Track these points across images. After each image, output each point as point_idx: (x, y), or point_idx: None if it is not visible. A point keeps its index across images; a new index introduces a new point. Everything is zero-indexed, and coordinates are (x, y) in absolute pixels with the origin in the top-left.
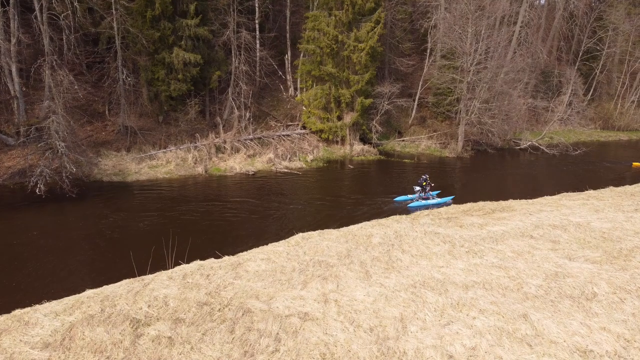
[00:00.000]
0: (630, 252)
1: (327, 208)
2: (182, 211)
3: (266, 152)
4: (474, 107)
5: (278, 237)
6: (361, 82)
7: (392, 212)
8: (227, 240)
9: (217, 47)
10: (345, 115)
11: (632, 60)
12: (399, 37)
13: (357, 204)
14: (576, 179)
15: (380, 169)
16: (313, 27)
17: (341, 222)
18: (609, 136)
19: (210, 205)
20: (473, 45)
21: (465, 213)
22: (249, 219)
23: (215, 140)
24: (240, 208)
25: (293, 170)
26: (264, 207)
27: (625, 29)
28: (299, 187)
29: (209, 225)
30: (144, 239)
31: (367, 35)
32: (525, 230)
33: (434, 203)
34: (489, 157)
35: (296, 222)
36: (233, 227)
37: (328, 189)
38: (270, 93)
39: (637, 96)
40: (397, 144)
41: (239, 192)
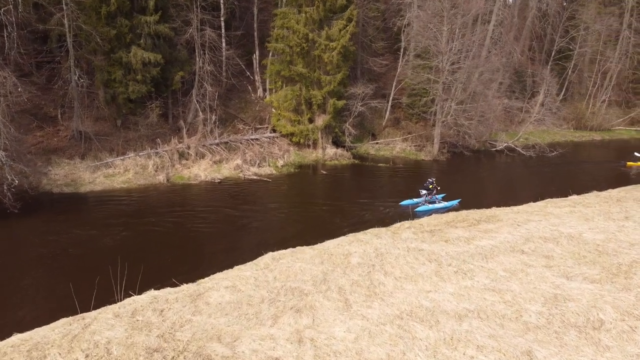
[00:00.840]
0: (629, 268)
1: (300, 219)
2: (140, 227)
3: (233, 158)
4: (449, 108)
5: (245, 256)
6: (333, 82)
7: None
8: (188, 260)
9: (180, 46)
10: (317, 118)
11: (603, 60)
12: (372, 35)
13: (331, 213)
14: (557, 182)
15: (355, 175)
16: (282, 24)
17: (316, 235)
18: (583, 136)
19: (171, 219)
20: (449, 44)
21: (448, 224)
22: (214, 234)
23: (178, 145)
24: (205, 222)
25: (262, 177)
26: (231, 220)
27: (596, 29)
28: (269, 195)
29: (168, 242)
30: (92, 262)
31: (339, 33)
32: (516, 244)
33: (441, 207)
34: (465, 160)
35: (266, 237)
36: (195, 245)
37: (300, 198)
38: (237, 94)
39: (607, 96)
40: (371, 147)
41: (203, 202)
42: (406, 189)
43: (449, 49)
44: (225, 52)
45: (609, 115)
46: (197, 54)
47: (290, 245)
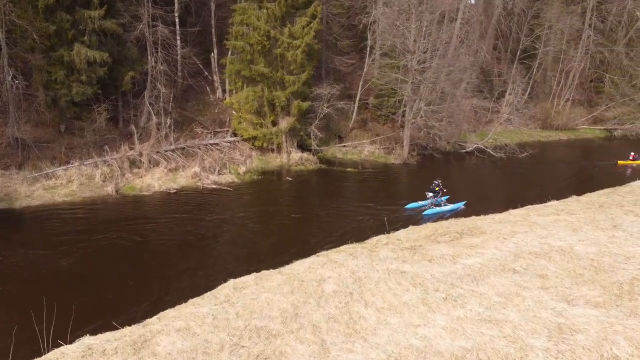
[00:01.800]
0: (631, 288)
1: (265, 234)
2: (81, 249)
3: (191, 165)
4: (419, 109)
5: (203, 282)
6: (297, 83)
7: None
8: (135, 289)
9: (130, 44)
10: (280, 120)
11: (567, 59)
12: (337, 33)
13: (299, 225)
14: (532, 185)
15: (322, 181)
16: (241, 21)
17: (284, 253)
18: (549, 136)
19: (118, 238)
20: (417, 42)
21: (429, 239)
22: (168, 255)
23: (129, 152)
24: (157, 240)
25: (223, 186)
26: (188, 238)
27: (560, 27)
28: (230, 206)
29: (114, 267)
30: (15, 296)
31: (303, 31)
32: (505, 262)
33: (448, 210)
34: (436, 162)
35: (228, 257)
36: (146, 269)
37: (265, 208)
38: (195, 96)
39: (571, 95)
40: (338, 150)
41: (157, 216)
42: (376, 195)
43: (418, 48)
44: (181, 51)
45: (573, 115)
46: (149, 52)
47: (255, 266)
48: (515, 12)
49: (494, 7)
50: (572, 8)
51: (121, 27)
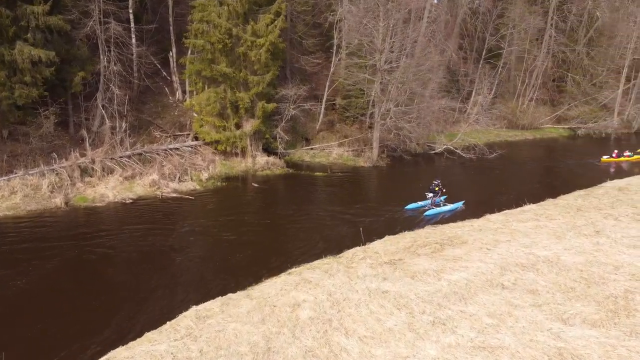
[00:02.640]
0: (626, 302)
1: (230, 248)
2: (21, 272)
3: (149, 172)
4: (388, 110)
5: (161, 309)
6: (262, 83)
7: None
8: (83, 320)
9: (79, 42)
10: (244, 123)
11: (530, 59)
12: (302, 32)
13: (268, 237)
14: (506, 187)
15: (290, 186)
16: (201, 18)
17: (252, 270)
18: (516, 135)
19: (66, 257)
20: (386, 41)
21: (408, 251)
22: (122, 276)
23: (80, 160)
24: (111, 258)
25: (184, 194)
26: (145, 254)
27: (523, 27)
28: (192, 217)
29: (59, 292)
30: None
31: (267, 29)
32: (492, 276)
33: (448, 210)
34: (406, 165)
35: (189, 277)
36: (96, 293)
37: (230, 218)
38: (152, 97)
39: (535, 94)
40: (306, 153)
41: (111, 230)
42: (347, 201)
43: (386, 47)
44: (136, 49)
45: (538, 114)
46: (101, 51)
47: (220, 285)
48: (480, 12)
49: (459, 6)
50: (535, 8)
51: (69, 23)
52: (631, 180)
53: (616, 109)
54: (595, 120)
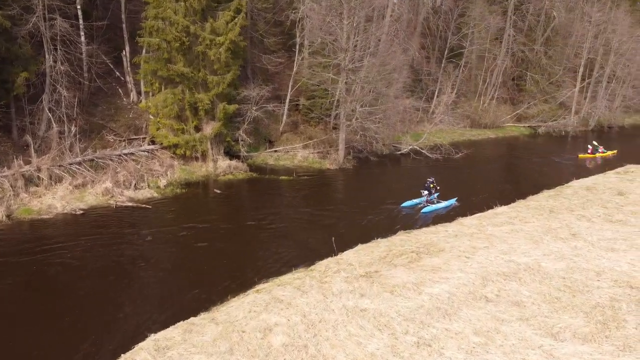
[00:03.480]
0: (614, 313)
1: (191, 262)
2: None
3: (102, 180)
4: (354, 111)
5: (112, 341)
6: (222, 84)
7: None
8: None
9: (21, 40)
10: (204, 126)
11: (491, 58)
12: (263, 30)
13: (232, 248)
14: (474, 188)
15: (254, 191)
16: (156, 15)
17: (215, 288)
18: (479, 134)
19: (10, 282)
20: (351, 39)
21: (384, 261)
22: (70, 299)
23: (24, 168)
24: (55, 282)
25: (141, 203)
26: (96, 274)
27: (484, 26)
28: (150, 228)
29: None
30: None
31: (227, 26)
32: (475, 288)
33: (443, 207)
34: (373, 166)
35: (146, 297)
36: (37, 324)
37: (191, 229)
38: (105, 99)
39: (496, 93)
40: (270, 156)
41: (61, 246)
42: (315, 206)
43: (351, 46)
44: (86, 48)
45: (499, 113)
46: (46, 49)
47: (181, 305)
48: (442, 10)
49: (421, 4)
50: (494, 8)
51: (9, 19)
52: (597, 179)
53: (573, 108)
54: (555, 118)
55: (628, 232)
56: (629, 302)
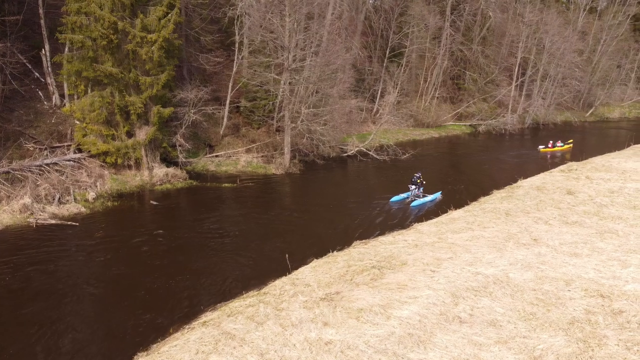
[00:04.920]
0: (593, 328)
1: (127, 289)
2: None
3: (19, 195)
4: (299, 113)
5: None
6: (156, 85)
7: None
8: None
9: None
10: (137, 131)
11: (431, 57)
12: (199, 27)
13: (173, 271)
14: (426, 191)
15: (196, 201)
16: (79, 9)
17: (158, 320)
18: (422, 134)
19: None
20: (293, 38)
21: (344, 279)
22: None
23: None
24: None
25: (66, 220)
26: (6, 316)
27: (423, 25)
28: (76, 250)
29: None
30: None
31: (159, 23)
32: (446, 307)
33: (430, 200)
34: (320, 170)
35: (69, 337)
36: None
37: (125, 248)
38: (22, 103)
39: (436, 92)
40: (210, 162)
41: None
42: (262, 215)
43: (293, 44)
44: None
45: (441, 112)
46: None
47: (111, 350)
48: (383, 9)
49: (362, 3)
50: (433, 7)
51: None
52: (544, 178)
53: (510, 106)
54: (494, 117)
55: (586, 234)
56: (604, 314)
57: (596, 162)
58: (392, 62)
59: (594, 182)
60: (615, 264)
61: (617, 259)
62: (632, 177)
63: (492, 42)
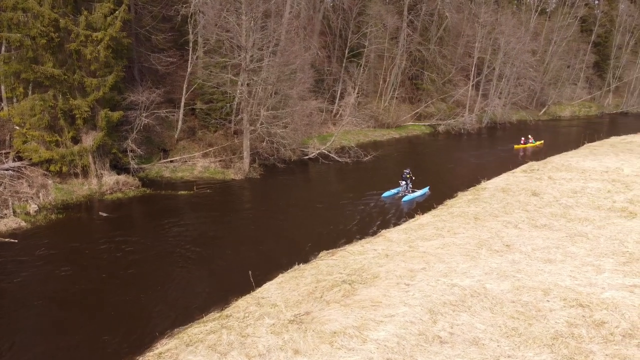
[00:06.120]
0: (578, 343)
1: (73, 321)
2: None
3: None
4: (259, 115)
5: None
6: (103, 87)
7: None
8: None
9: None
10: (84, 136)
11: (390, 57)
12: (150, 26)
13: (124, 290)
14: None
15: (149, 212)
16: (15, 5)
17: (107, 349)
18: (383, 135)
19: None
20: (251, 37)
21: (313, 297)
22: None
23: None
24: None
25: (3, 237)
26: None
27: (381, 25)
28: (13, 271)
29: None
30: None
31: (105, 20)
32: (424, 326)
33: (419, 195)
34: (281, 174)
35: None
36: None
37: (69, 267)
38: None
39: (396, 92)
40: (165, 168)
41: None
42: (222, 223)
43: (250, 44)
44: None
45: (400, 112)
46: None
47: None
48: (341, 8)
49: (320, 2)
50: (390, 7)
51: None
52: (508, 179)
53: (467, 106)
54: (452, 117)
55: (557, 238)
56: (587, 326)
57: (556, 162)
58: (352, 63)
59: (556, 182)
60: (589, 270)
61: (591, 264)
62: (592, 176)
63: (449, 42)
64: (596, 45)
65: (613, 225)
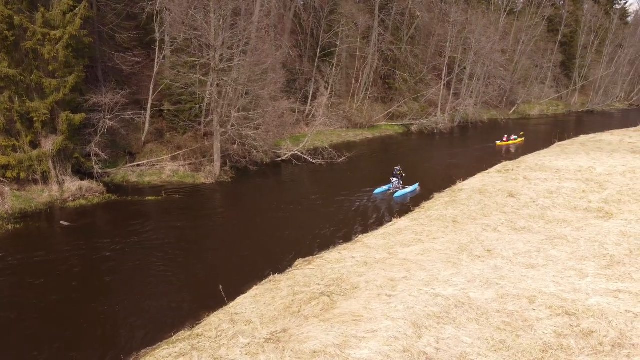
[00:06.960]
0: (567, 355)
1: (26, 348)
2: None
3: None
4: (229, 117)
5: None
6: (63, 88)
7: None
8: None
9: None
10: (43, 140)
11: (362, 57)
12: (114, 24)
13: (84, 307)
14: (369, 197)
15: (114, 220)
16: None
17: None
18: (356, 135)
19: None
20: (220, 36)
21: (290, 312)
22: None
23: None
24: None
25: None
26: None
27: (353, 24)
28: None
29: None
30: None
31: (64, 18)
32: (409, 342)
33: (410, 191)
34: (253, 177)
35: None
36: None
37: (26, 284)
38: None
39: (368, 92)
40: (131, 172)
41: None
42: (192, 230)
43: (220, 43)
44: None
45: (373, 112)
46: None
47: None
48: (312, 7)
49: (291, 0)
50: (362, 6)
51: None
52: (484, 180)
53: (439, 105)
54: (425, 116)
55: (537, 241)
56: (575, 336)
57: (529, 161)
58: (324, 62)
59: (532, 182)
60: (572, 274)
61: (573, 268)
62: (566, 176)
63: (420, 42)
64: (562, 45)
65: (591, 226)
